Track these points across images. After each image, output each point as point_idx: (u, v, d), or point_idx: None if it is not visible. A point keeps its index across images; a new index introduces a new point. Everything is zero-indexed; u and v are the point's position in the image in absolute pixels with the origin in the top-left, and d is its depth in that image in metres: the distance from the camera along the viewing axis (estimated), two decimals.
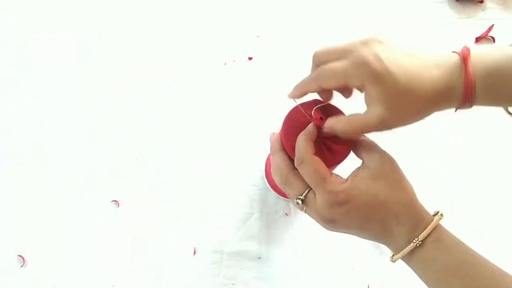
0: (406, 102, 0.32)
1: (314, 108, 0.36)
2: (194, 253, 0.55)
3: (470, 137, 0.62)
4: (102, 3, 0.70)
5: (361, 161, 0.37)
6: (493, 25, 0.68)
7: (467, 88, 0.32)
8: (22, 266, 0.54)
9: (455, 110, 0.34)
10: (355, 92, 0.35)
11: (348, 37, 0.67)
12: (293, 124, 0.37)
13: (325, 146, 0.36)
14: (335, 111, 0.38)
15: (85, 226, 0.56)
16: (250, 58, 0.66)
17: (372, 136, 0.37)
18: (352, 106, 0.34)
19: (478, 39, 0.67)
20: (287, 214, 0.57)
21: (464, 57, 0.33)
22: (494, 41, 0.67)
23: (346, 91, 0.36)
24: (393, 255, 0.35)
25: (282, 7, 0.70)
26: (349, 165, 0.37)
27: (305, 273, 0.54)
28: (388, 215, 0.34)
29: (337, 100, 0.37)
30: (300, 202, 0.36)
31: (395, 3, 0.71)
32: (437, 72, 0.32)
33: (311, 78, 0.35)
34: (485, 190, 0.59)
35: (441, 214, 0.34)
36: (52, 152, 0.60)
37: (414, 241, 0.33)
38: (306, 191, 0.36)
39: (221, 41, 0.67)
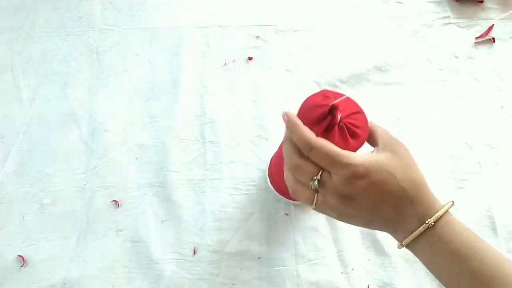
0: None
1: (333, 103, 0.35)
2: (194, 253, 0.55)
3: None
4: (102, 3, 0.70)
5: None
6: (493, 25, 0.68)
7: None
8: (22, 266, 0.54)
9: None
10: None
11: (346, 37, 0.67)
12: (307, 114, 0.36)
13: (347, 131, 0.36)
14: (350, 104, 0.38)
15: (85, 227, 0.56)
16: (250, 58, 0.66)
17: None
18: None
19: (478, 39, 0.67)
20: (287, 214, 0.57)
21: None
22: (494, 41, 0.67)
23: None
24: (402, 240, 0.35)
25: (282, 7, 0.70)
26: None
27: (305, 273, 0.54)
28: (403, 196, 0.34)
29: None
30: (316, 183, 0.34)
31: (395, 3, 0.71)
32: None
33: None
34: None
35: (453, 202, 0.35)
36: (52, 151, 0.60)
37: (427, 221, 0.33)
38: (321, 171, 0.34)
39: (221, 41, 0.67)
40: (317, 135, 0.34)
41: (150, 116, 0.62)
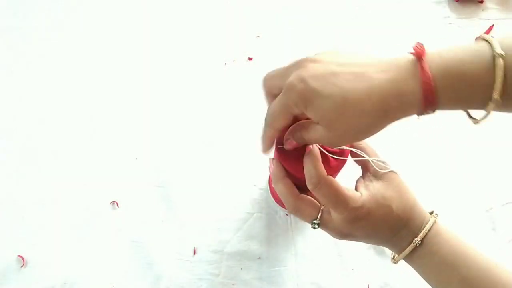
0: (345, 118, 0.28)
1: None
2: (194, 253, 0.55)
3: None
4: (103, 3, 0.70)
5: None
6: (493, 25, 0.68)
7: (426, 89, 0.27)
8: (22, 266, 0.54)
9: (418, 117, 0.31)
10: None
11: (347, 37, 0.67)
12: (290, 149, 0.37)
13: (328, 151, 0.36)
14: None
15: (85, 227, 0.56)
16: (250, 58, 0.66)
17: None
18: None
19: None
20: (287, 214, 0.57)
21: (418, 54, 0.28)
22: None
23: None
24: (394, 257, 0.37)
25: (282, 7, 0.70)
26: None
27: (305, 273, 0.54)
28: (398, 222, 0.35)
29: None
30: (316, 226, 0.36)
31: (395, 4, 0.71)
32: (382, 76, 0.29)
33: (265, 127, 0.35)
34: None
35: (436, 214, 0.36)
36: (51, 152, 0.60)
37: (414, 241, 0.35)
38: (319, 213, 0.36)
39: (221, 41, 0.67)
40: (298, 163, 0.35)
41: (150, 116, 0.62)
